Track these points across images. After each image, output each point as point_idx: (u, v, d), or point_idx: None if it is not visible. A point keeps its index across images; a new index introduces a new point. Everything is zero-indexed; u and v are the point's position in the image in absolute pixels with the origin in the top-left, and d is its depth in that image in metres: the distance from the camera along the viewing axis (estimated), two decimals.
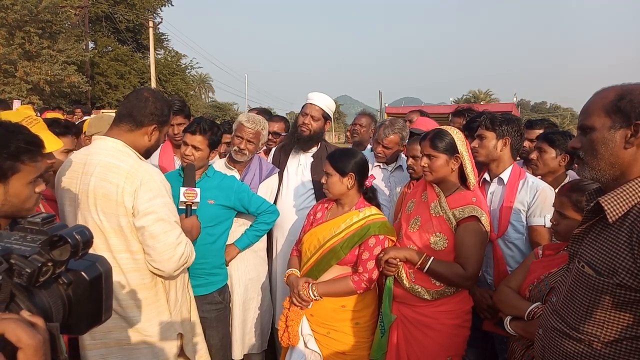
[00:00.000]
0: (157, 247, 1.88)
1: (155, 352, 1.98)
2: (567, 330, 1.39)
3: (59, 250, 0.71)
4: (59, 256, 0.70)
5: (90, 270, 0.79)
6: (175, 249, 1.91)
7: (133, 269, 1.93)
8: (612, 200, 1.29)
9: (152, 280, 1.97)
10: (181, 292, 2.14)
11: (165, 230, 1.90)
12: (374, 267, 2.32)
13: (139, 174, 1.88)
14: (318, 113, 3.20)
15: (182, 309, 2.13)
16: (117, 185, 1.84)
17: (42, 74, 17.71)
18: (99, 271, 0.80)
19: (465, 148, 2.31)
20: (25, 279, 0.66)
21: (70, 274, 0.76)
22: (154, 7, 29.74)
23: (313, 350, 2.37)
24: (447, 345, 2.28)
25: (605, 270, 1.28)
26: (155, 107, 1.99)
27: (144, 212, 1.86)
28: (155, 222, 1.88)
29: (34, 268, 0.66)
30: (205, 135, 2.62)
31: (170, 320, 2.03)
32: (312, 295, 2.34)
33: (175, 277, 2.03)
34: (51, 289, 0.74)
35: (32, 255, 0.68)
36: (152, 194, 1.88)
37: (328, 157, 2.47)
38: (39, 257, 0.68)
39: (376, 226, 2.33)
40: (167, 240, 1.90)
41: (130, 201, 1.85)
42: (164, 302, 2.02)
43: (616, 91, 1.31)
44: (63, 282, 0.75)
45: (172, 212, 1.96)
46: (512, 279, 2.12)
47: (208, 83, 55.16)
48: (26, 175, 1.44)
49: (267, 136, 3.14)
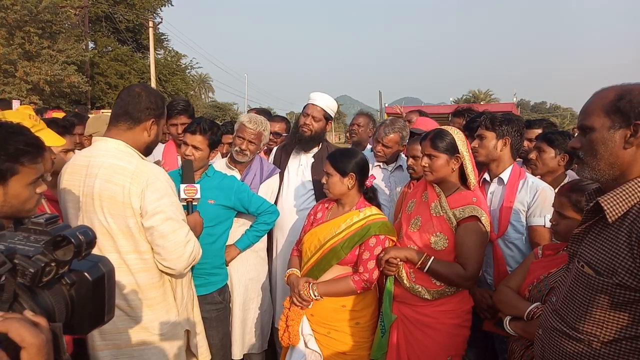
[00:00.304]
0: (168, 246, 1.89)
1: (164, 350, 1.99)
2: (567, 330, 1.39)
3: (62, 251, 0.71)
4: (62, 256, 0.71)
5: (93, 271, 0.79)
6: (185, 246, 1.92)
7: (142, 269, 1.93)
8: (612, 200, 1.29)
9: (160, 279, 1.98)
10: (187, 289, 2.15)
11: (175, 229, 1.90)
12: (375, 267, 2.32)
13: (145, 175, 1.88)
14: (319, 113, 3.19)
15: (188, 306, 2.14)
16: (123, 187, 1.84)
17: (42, 74, 17.69)
18: (102, 271, 0.80)
19: (466, 148, 2.31)
20: (29, 279, 0.66)
21: (73, 274, 0.76)
22: (153, 7, 29.72)
23: (313, 350, 2.37)
24: (447, 345, 2.28)
25: (604, 270, 1.28)
26: (150, 101, 1.98)
27: (152, 212, 1.87)
28: (164, 221, 1.88)
29: (38, 268, 0.67)
30: (205, 135, 2.63)
31: (177, 317, 2.04)
32: (312, 295, 2.34)
33: (185, 274, 2.05)
34: (54, 289, 0.74)
35: (36, 256, 0.68)
36: (159, 193, 1.88)
37: (328, 157, 2.48)
38: (43, 257, 0.68)
39: (377, 226, 2.34)
40: (177, 239, 1.90)
41: (137, 202, 1.85)
42: (172, 301, 2.03)
43: (616, 91, 1.31)
44: (66, 282, 0.76)
45: (179, 210, 1.97)
46: (512, 279, 2.12)
47: (208, 83, 55.13)
48: (26, 176, 1.44)
49: (268, 137, 3.14)
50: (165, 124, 2.32)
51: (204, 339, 2.30)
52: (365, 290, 2.35)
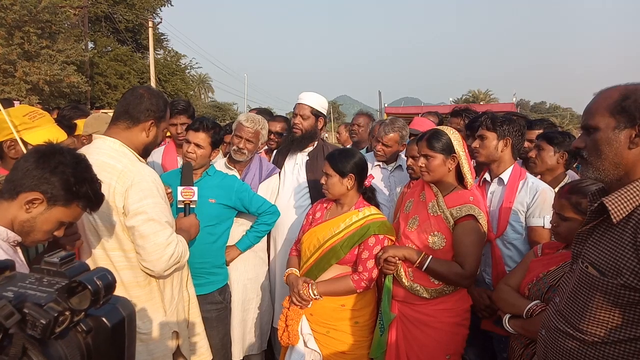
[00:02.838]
0: (147, 247, 1.89)
1: (150, 350, 1.99)
2: (571, 330, 1.39)
3: (77, 298, 0.63)
4: (77, 304, 0.63)
5: (112, 315, 0.71)
6: (165, 249, 1.92)
7: (126, 267, 1.94)
8: (617, 201, 1.28)
9: (146, 278, 1.98)
10: (177, 290, 2.14)
11: (156, 231, 1.90)
12: (374, 266, 2.32)
13: (131, 174, 1.89)
14: (307, 111, 3.20)
15: (179, 307, 2.13)
16: (109, 185, 1.85)
17: (42, 74, 17.66)
18: (122, 316, 0.72)
19: (462, 148, 2.32)
20: (40, 330, 0.59)
21: (89, 319, 0.68)
22: (153, 7, 29.69)
23: (313, 350, 2.37)
24: (446, 344, 2.28)
25: (609, 270, 1.28)
26: (151, 102, 2.00)
27: (134, 212, 1.87)
28: (145, 222, 1.89)
29: (50, 319, 0.59)
30: (208, 133, 2.63)
31: (165, 318, 2.04)
32: (312, 295, 2.34)
33: (165, 276, 2.03)
34: (68, 337, 0.66)
35: (48, 304, 0.61)
36: (142, 194, 1.89)
37: (327, 158, 2.47)
38: (56, 306, 0.61)
39: (376, 225, 2.34)
40: (157, 241, 1.90)
41: (120, 201, 1.87)
42: (159, 301, 2.02)
43: (620, 91, 1.31)
44: (82, 329, 0.67)
45: (163, 212, 1.96)
46: (512, 277, 2.12)
47: (208, 83, 55.11)
48: (65, 215, 1.44)
49: (266, 136, 3.14)
50: (166, 127, 2.33)
51: (203, 339, 2.29)
52: (364, 290, 2.35)
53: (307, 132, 3.21)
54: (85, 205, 1.47)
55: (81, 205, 1.46)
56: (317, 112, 3.22)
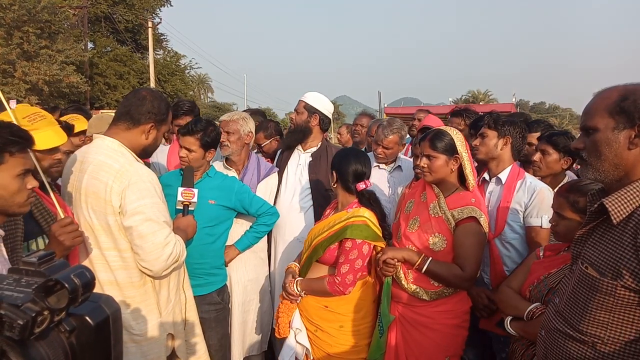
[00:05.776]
0: (145, 247, 1.89)
1: (144, 352, 1.98)
2: (570, 331, 1.38)
3: (55, 297, 0.62)
4: (55, 303, 0.61)
5: (95, 314, 0.69)
6: (164, 249, 1.91)
7: (121, 267, 1.93)
8: (617, 202, 1.28)
9: (141, 279, 1.97)
10: (174, 292, 2.13)
11: (154, 231, 1.90)
12: (349, 272, 2.25)
13: (128, 174, 1.89)
14: (300, 106, 3.22)
15: (175, 309, 2.12)
16: (106, 184, 1.85)
17: (41, 74, 17.66)
18: (106, 314, 0.71)
19: (465, 149, 2.31)
20: (18, 332, 0.57)
21: (72, 319, 0.67)
22: (153, 8, 29.70)
23: (300, 344, 2.38)
24: (445, 345, 2.27)
25: (609, 271, 1.27)
26: (153, 105, 2.01)
27: (131, 212, 1.87)
28: (143, 222, 1.88)
29: (27, 319, 0.58)
30: (195, 136, 2.59)
31: (160, 320, 2.03)
32: (296, 290, 2.36)
33: (164, 276, 2.03)
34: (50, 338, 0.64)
35: (25, 304, 0.59)
36: (140, 194, 1.89)
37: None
38: (33, 306, 0.59)
39: (353, 229, 2.27)
40: (155, 240, 1.90)
41: (117, 200, 1.86)
42: (154, 302, 2.01)
43: (619, 92, 1.30)
44: (64, 329, 0.66)
45: (161, 212, 1.96)
46: (513, 279, 2.12)
47: (207, 83, 55.12)
48: (13, 166, 1.44)
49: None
50: (167, 131, 2.34)
51: (201, 342, 2.29)
52: (339, 295, 2.28)
53: (299, 126, 3.22)
54: (18, 149, 1.45)
55: (14, 151, 1.44)
56: (311, 108, 3.21)
